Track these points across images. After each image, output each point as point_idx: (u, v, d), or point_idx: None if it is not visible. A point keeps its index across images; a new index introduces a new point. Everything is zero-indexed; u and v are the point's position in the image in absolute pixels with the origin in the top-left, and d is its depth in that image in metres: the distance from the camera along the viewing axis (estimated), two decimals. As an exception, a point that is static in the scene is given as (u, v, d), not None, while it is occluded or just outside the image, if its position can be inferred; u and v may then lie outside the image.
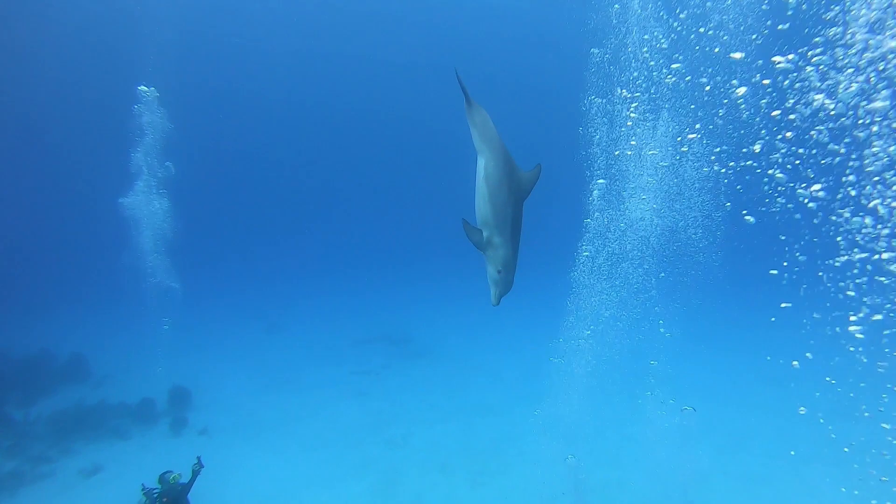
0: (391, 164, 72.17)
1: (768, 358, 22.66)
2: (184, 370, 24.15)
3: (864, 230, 8.29)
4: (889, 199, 8.05)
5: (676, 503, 13.75)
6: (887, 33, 7.03)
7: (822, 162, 9.49)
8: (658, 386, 18.34)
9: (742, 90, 11.00)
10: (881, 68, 7.28)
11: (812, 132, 8.88)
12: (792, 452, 16.14)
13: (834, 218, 8.89)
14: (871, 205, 8.17)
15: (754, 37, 11.61)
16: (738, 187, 13.75)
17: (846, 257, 8.83)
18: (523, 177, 4.99)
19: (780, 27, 10.95)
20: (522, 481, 15.01)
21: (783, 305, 14.89)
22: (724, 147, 12.85)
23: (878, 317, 8.98)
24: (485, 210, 4.92)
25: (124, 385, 23.17)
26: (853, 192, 8.51)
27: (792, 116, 9.31)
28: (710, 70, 12.22)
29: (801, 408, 16.64)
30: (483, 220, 4.95)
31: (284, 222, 71.53)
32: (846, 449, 16.08)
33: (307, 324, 34.66)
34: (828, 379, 18.27)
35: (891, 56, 7.10)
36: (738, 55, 11.28)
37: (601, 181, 12.53)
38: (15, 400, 21.04)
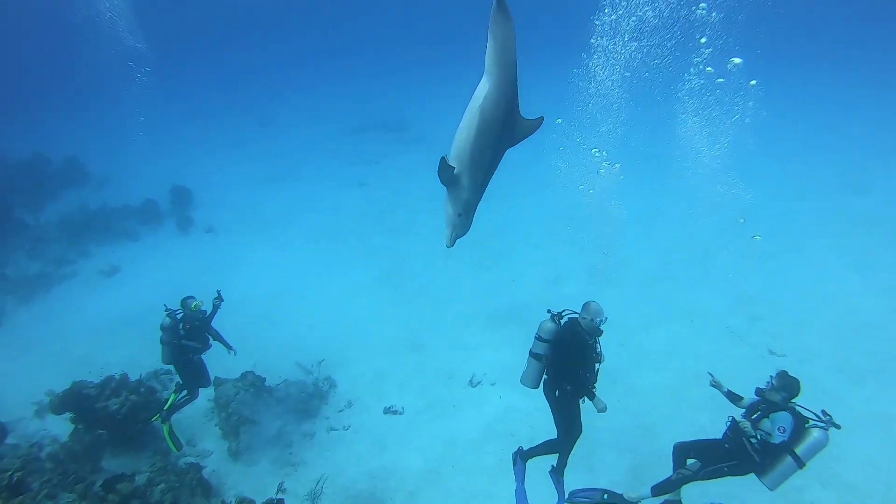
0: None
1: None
2: (181, 169, 23.93)
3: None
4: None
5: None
6: None
7: None
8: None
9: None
10: None
11: None
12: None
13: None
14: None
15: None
16: None
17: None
18: (521, 123, 4.44)
19: None
20: (525, 265, 15.56)
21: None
22: None
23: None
24: (465, 144, 4.31)
25: (124, 187, 23.10)
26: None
27: None
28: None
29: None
30: (459, 154, 4.35)
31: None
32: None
33: (300, 116, 33.29)
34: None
35: None
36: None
37: None
38: (22, 204, 21.30)
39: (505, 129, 4.34)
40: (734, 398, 6.29)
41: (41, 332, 13.90)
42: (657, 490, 6.43)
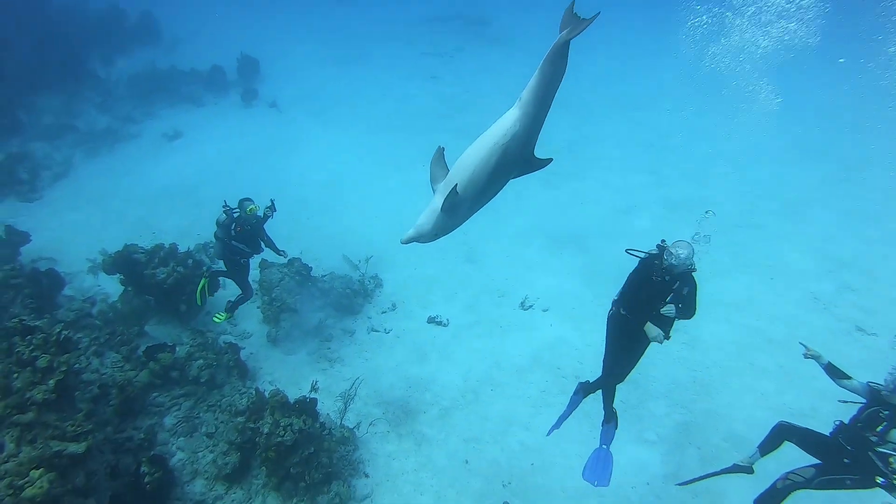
0: None
1: None
2: (252, 40, 23.02)
3: None
4: None
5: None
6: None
7: None
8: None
9: None
10: None
11: None
12: None
13: None
14: None
15: None
16: None
17: None
18: (533, 161, 4.39)
19: None
20: (596, 189, 14.41)
21: None
22: None
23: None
24: (479, 176, 4.14)
25: (194, 51, 22.60)
26: None
27: None
28: None
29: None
30: (468, 183, 4.14)
31: None
32: None
33: (379, -4, 31.40)
34: None
35: None
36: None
37: None
38: (96, 57, 21.22)
39: (519, 166, 4.29)
40: (836, 374, 5.22)
41: (103, 188, 14.05)
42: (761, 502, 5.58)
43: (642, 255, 5.52)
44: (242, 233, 7.94)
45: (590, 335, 9.38)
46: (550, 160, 4.42)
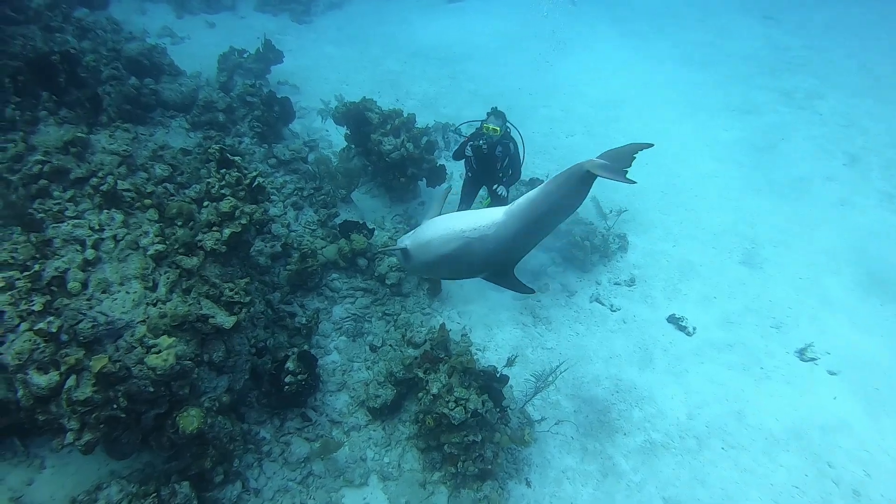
0: None
1: None
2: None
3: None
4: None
5: None
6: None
7: None
8: None
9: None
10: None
11: None
12: None
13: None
14: None
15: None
16: None
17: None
18: (509, 277, 4.21)
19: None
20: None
21: None
22: None
23: None
24: (435, 249, 3.94)
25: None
26: None
27: None
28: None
29: None
30: (423, 247, 4.04)
31: None
32: None
33: None
34: None
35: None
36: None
37: None
38: None
39: (492, 270, 3.91)
40: None
41: (368, 30, 13.24)
42: None
43: None
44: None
45: (892, 437, 6.25)
46: (532, 291, 4.53)
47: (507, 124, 6.46)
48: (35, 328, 3.54)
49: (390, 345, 6.05)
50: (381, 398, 5.48)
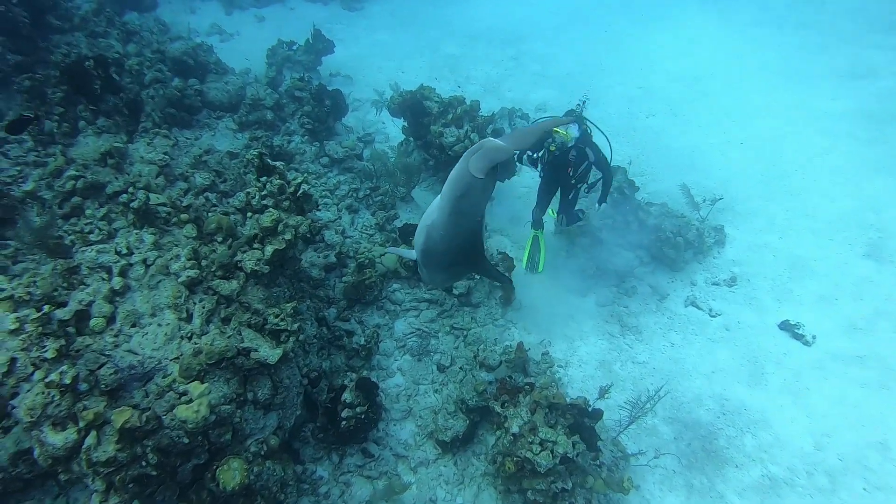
0: None
1: None
2: None
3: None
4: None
5: None
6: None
7: None
8: None
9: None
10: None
11: None
12: None
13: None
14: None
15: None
16: None
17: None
18: (482, 263, 3.64)
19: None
20: None
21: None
22: None
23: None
24: (422, 241, 3.41)
25: None
26: None
27: None
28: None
29: None
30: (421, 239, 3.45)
31: None
32: None
33: None
34: None
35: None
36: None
37: None
38: None
39: (468, 261, 3.51)
40: None
41: (425, 13, 12.48)
42: None
43: None
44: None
45: None
46: (509, 280, 4.67)
47: (586, 124, 5.55)
48: (47, 380, 3.02)
49: (460, 366, 5.30)
50: (452, 430, 4.75)
